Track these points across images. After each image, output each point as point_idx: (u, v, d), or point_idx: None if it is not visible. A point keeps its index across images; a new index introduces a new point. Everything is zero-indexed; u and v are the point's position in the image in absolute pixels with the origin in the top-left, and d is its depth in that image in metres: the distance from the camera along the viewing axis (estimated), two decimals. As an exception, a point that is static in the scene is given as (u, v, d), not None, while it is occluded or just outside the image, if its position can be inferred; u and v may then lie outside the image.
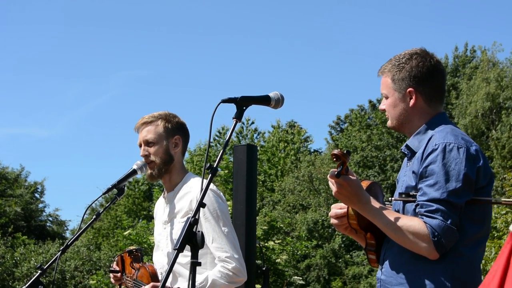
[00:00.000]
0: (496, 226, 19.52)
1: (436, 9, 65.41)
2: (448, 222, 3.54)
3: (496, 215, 18.81)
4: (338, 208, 3.90)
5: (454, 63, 44.33)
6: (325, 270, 36.93)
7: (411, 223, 3.58)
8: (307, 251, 29.97)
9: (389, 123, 4.00)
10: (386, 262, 3.81)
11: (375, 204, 3.68)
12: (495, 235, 19.68)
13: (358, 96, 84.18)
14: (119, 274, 5.15)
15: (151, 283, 4.71)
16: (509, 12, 62.73)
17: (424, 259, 3.62)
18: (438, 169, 3.59)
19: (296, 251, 26.04)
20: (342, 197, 3.66)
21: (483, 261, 17.89)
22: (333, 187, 3.64)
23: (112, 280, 5.25)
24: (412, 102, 3.86)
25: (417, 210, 3.64)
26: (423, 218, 3.58)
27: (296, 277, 26.16)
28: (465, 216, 3.62)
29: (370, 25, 67.84)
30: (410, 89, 3.85)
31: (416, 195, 3.67)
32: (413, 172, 3.72)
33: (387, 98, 3.95)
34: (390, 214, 3.64)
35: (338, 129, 49.21)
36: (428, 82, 3.87)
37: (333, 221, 3.93)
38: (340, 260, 37.55)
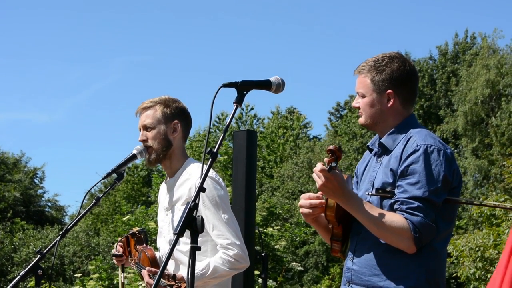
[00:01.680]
0: (494, 213, 19.56)
1: (436, -5, 65.26)
2: (428, 219, 3.73)
3: (494, 202, 18.83)
4: (312, 198, 4.00)
5: (454, 50, 44.21)
6: (324, 256, 36.98)
7: (393, 219, 3.73)
8: (305, 238, 30.01)
9: (361, 120, 4.12)
10: (359, 253, 3.95)
11: (358, 198, 3.82)
12: (494, 223, 19.72)
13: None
14: (123, 257, 5.15)
15: (147, 268, 4.72)
16: (509, -1, 62.57)
17: (399, 253, 3.79)
18: (420, 169, 3.77)
19: (295, 238, 26.04)
20: (327, 190, 3.76)
21: (482, 248, 17.97)
22: (319, 180, 3.74)
23: (115, 261, 5.26)
24: (390, 103, 4.01)
25: (396, 206, 3.79)
26: (403, 215, 3.74)
27: (294, 263, 26.07)
28: (439, 214, 3.80)
29: (370, 11, 67.74)
30: (389, 91, 4.00)
31: (392, 191, 3.83)
32: (391, 169, 3.87)
33: (363, 97, 4.07)
34: (373, 209, 3.79)
35: (338, 115, 49.17)
36: (407, 85, 4.05)
37: (303, 210, 4.04)
38: (339, 247, 37.54)
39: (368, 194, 3.95)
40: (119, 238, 5.21)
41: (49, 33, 69.51)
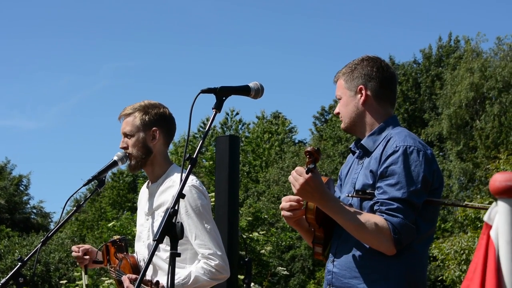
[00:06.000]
0: (479, 216, 19.61)
1: (420, -1, 65.48)
2: (408, 220, 3.70)
3: (479, 204, 18.88)
4: (292, 201, 3.97)
5: (438, 53, 44.35)
6: (310, 261, 36.95)
7: (373, 220, 3.70)
8: (291, 242, 30.07)
9: (342, 125, 4.16)
10: (340, 256, 3.93)
11: (337, 201, 3.80)
12: (479, 225, 19.78)
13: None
14: (85, 259, 5.14)
15: (127, 274, 4.71)
16: (493, 2, 62.93)
17: (379, 255, 3.77)
18: (400, 170, 3.75)
19: (280, 242, 26.14)
20: (305, 193, 3.73)
21: (466, 251, 18.02)
22: (296, 183, 3.71)
23: (77, 262, 5.24)
24: (362, 98, 4.02)
25: (376, 208, 3.77)
26: (383, 216, 3.72)
27: (280, 268, 26.17)
28: (420, 215, 3.78)
29: (353, 15, 67.91)
30: (360, 86, 4.03)
31: (373, 193, 3.82)
32: (371, 171, 3.85)
33: (340, 99, 4.12)
34: (352, 211, 3.76)
35: (323, 119, 49.24)
36: (377, 78, 4.04)
37: (285, 213, 4.02)
38: (325, 251, 37.58)
39: (349, 195, 3.93)
40: (100, 247, 5.18)
41: (37, 40, 69.39)
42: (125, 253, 5.00)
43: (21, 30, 70.00)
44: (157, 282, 4.32)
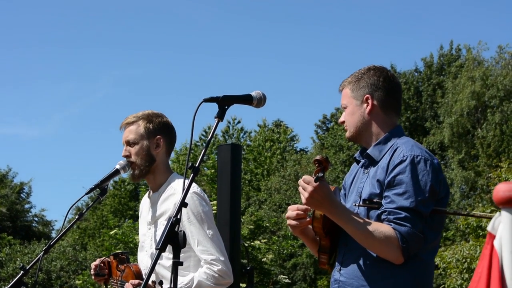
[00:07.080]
0: (481, 225, 19.61)
1: (421, 7, 65.57)
2: (416, 229, 3.72)
3: (481, 212, 18.89)
4: (299, 210, 3.98)
5: (440, 62, 44.30)
6: (311, 269, 36.93)
7: (382, 229, 3.72)
8: (293, 250, 30.01)
9: (347, 134, 4.17)
10: (346, 264, 3.94)
11: (345, 209, 3.82)
12: (480, 234, 19.77)
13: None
14: (105, 276, 5.12)
15: (130, 280, 4.70)
16: (494, 11, 62.97)
17: (386, 263, 3.79)
18: (407, 179, 3.76)
19: (282, 250, 26.08)
20: (314, 202, 3.73)
21: (468, 260, 17.98)
22: (305, 192, 3.72)
23: (96, 280, 5.21)
24: (369, 108, 4.04)
25: (383, 217, 3.79)
26: (391, 225, 3.73)
27: (282, 276, 26.17)
28: (427, 224, 3.79)
29: (355, 24, 67.97)
30: (366, 95, 4.04)
31: (380, 202, 3.83)
32: (378, 180, 3.87)
33: (345, 108, 4.13)
34: (360, 219, 3.78)
35: (324, 128, 49.20)
36: (383, 88, 4.06)
37: (291, 222, 4.03)
38: (327, 259, 37.48)
39: (356, 205, 3.94)
40: (100, 261, 5.14)
41: (38, 47, 69.48)
42: (127, 263, 4.99)
43: (23, 37, 70.11)
44: (161, 281, 4.31)
